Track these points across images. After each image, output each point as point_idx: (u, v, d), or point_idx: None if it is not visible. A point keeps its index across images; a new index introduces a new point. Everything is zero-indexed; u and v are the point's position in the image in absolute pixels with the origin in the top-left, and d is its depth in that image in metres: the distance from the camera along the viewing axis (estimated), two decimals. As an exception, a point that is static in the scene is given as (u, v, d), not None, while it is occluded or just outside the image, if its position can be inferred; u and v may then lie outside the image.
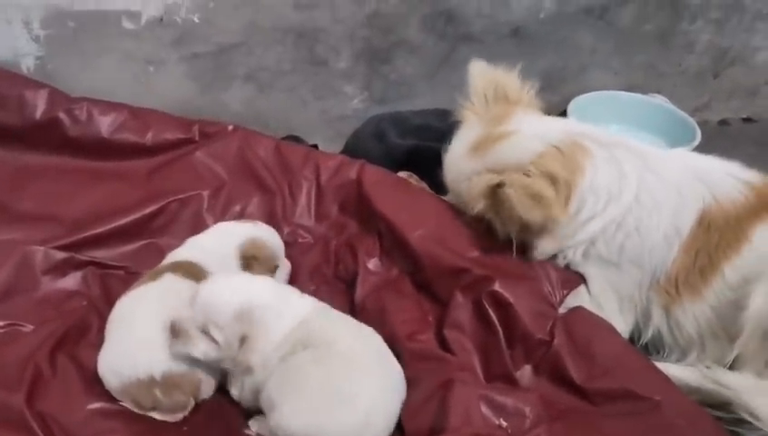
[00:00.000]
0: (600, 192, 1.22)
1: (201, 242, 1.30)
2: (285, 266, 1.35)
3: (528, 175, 1.18)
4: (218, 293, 1.08)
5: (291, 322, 1.08)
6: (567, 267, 1.29)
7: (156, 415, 1.10)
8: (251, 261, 1.26)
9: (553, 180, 1.18)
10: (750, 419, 1.12)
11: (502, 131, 1.26)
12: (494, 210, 1.22)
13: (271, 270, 1.30)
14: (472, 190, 1.23)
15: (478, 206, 1.23)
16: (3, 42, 1.55)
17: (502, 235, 1.25)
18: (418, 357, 1.13)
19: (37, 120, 1.49)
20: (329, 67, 1.78)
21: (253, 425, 1.11)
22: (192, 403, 1.11)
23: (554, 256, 1.28)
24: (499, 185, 1.18)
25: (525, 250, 1.27)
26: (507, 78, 1.35)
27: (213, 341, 1.06)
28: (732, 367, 1.20)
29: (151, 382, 1.07)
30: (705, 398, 1.16)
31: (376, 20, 1.74)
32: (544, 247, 1.26)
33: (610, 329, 1.21)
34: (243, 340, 1.05)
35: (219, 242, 1.29)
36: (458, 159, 1.31)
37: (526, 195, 1.15)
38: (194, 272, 1.20)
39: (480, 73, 1.35)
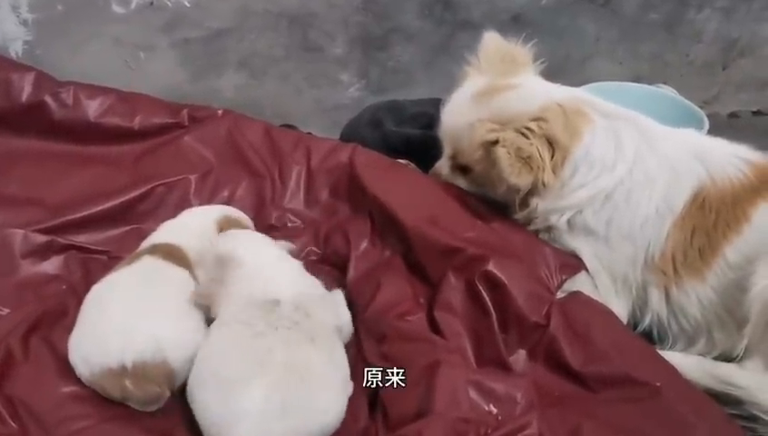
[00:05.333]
0: (594, 161, 1.20)
1: (177, 224, 1.26)
2: None
3: (526, 135, 1.15)
4: (219, 240, 1.16)
5: (255, 296, 1.04)
6: (550, 232, 1.26)
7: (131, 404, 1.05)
8: None
9: (552, 142, 1.16)
10: (765, 417, 1.09)
11: (508, 82, 1.25)
12: (485, 164, 1.20)
13: None
14: (473, 137, 1.21)
15: (476, 155, 1.21)
16: (-10, 26, 1.53)
17: (488, 191, 1.25)
18: (406, 338, 1.09)
19: (23, 103, 1.45)
20: (323, 54, 1.75)
21: None
22: (167, 394, 1.04)
23: (536, 218, 1.25)
24: (494, 143, 1.16)
25: (508, 208, 1.26)
26: (519, 50, 1.34)
27: None
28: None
29: (122, 372, 1.01)
30: (715, 397, 1.10)
31: (371, 5, 1.71)
32: (528, 207, 1.23)
33: (609, 313, 1.16)
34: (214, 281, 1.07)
35: (195, 221, 1.26)
36: (460, 106, 1.29)
37: (517, 158, 1.13)
38: (174, 254, 1.16)
39: (492, 41, 1.34)
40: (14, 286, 1.24)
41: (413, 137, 1.60)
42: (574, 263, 1.24)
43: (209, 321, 1.10)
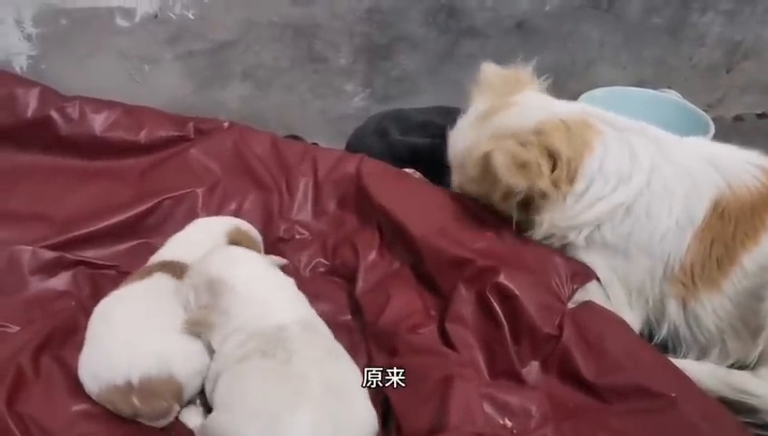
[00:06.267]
0: (610, 173, 1.17)
1: (185, 238, 1.25)
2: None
3: (524, 145, 1.15)
4: (206, 259, 1.09)
5: (258, 323, 1.01)
6: (566, 248, 1.24)
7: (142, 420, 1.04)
8: (242, 245, 1.21)
9: (553, 153, 1.15)
10: None
11: (510, 101, 1.24)
12: (482, 177, 1.19)
13: None
14: (473, 158, 1.20)
15: (474, 173, 1.20)
16: (-5, 41, 1.52)
17: (498, 208, 1.23)
18: (418, 351, 1.08)
19: (29, 118, 1.46)
20: (328, 64, 1.74)
21: (187, 415, 1.05)
22: (176, 409, 1.04)
23: (553, 235, 1.23)
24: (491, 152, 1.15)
25: (526, 228, 1.24)
26: (518, 74, 1.33)
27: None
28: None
29: (128, 389, 1.00)
30: (729, 405, 1.09)
31: (375, 15, 1.70)
32: (542, 225, 1.21)
33: (622, 323, 1.14)
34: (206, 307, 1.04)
35: (204, 234, 1.25)
36: (463, 130, 1.29)
37: (513, 162, 1.12)
38: (180, 270, 1.15)
39: (490, 71, 1.33)
40: (24, 303, 1.24)
41: (420, 146, 1.59)
42: (584, 272, 1.22)
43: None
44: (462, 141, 1.29)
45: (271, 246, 1.35)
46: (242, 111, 1.72)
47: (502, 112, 1.23)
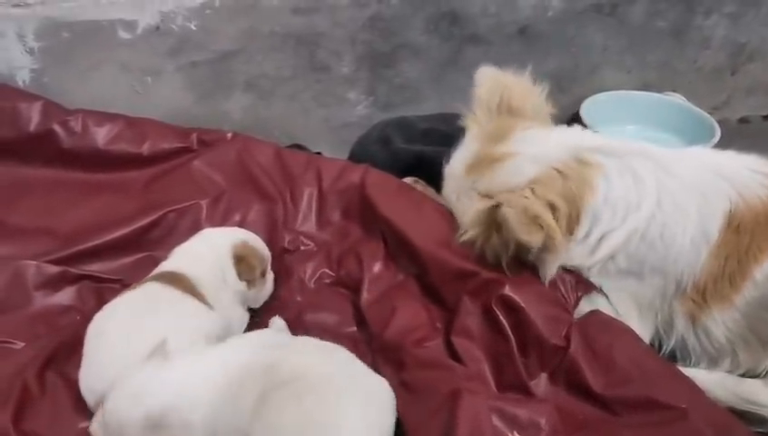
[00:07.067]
0: (617, 204, 1.15)
1: (188, 249, 1.25)
2: (272, 273, 1.30)
3: (525, 196, 1.12)
4: (123, 405, 0.94)
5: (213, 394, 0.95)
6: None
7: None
8: (251, 260, 1.22)
9: (551, 208, 1.11)
10: None
11: (498, 152, 1.20)
12: (488, 234, 1.15)
13: (262, 274, 1.26)
14: (465, 214, 1.19)
15: (472, 232, 1.17)
16: (-3, 55, 1.52)
17: (492, 260, 1.17)
18: (425, 365, 1.07)
19: (31, 132, 1.45)
20: (330, 73, 1.74)
21: None
22: None
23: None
24: (496, 206, 1.12)
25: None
26: (516, 85, 1.28)
27: None
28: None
29: None
30: (740, 415, 1.08)
31: (377, 23, 1.69)
32: (550, 268, 1.17)
33: (630, 333, 1.14)
34: None
35: (208, 246, 1.24)
36: (454, 176, 1.27)
37: (526, 217, 1.08)
38: (178, 280, 1.16)
39: (487, 80, 1.29)
40: (28, 319, 1.24)
41: (424, 154, 1.58)
42: (588, 281, 1.21)
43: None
44: (454, 185, 1.27)
45: (276, 257, 1.34)
46: (245, 121, 1.71)
47: (493, 166, 1.19)
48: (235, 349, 1.03)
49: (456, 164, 1.27)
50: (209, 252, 1.23)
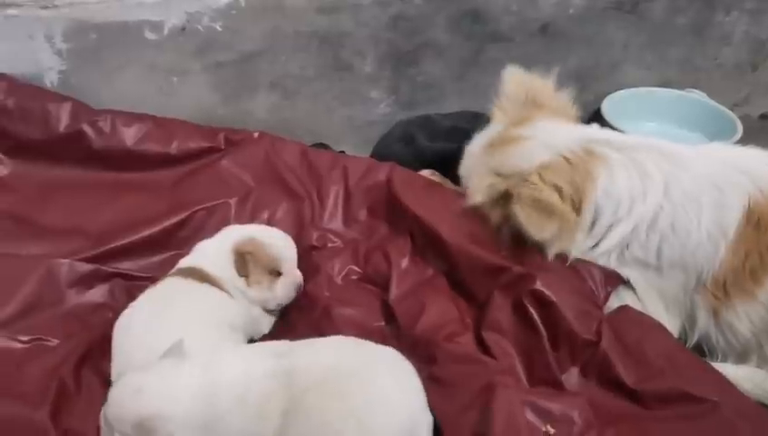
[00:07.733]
0: (621, 195, 1.16)
1: (204, 246, 1.28)
2: (294, 277, 1.29)
3: (534, 183, 1.14)
4: (119, 399, 0.96)
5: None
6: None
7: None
8: (246, 256, 1.23)
9: (557, 190, 1.14)
10: None
11: (516, 134, 1.24)
12: (503, 216, 1.20)
13: (271, 273, 1.25)
14: (476, 187, 1.23)
15: (486, 208, 1.22)
16: (26, 56, 1.53)
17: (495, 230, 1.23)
18: (457, 360, 1.08)
19: (61, 133, 1.47)
20: (354, 72, 1.75)
21: None
22: None
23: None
24: (507, 195, 1.16)
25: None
26: (540, 84, 1.32)
27: None
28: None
29: None
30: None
31: (400, 22, 1.70)
32: (558, 247, 1.20)
33: (660, 327, 1.15)
34: None
35: (219, 241, 1.27)
36: (472, 154, 1.31)
37: (537, 209, 1.12)
38: (195, 273, 1.20)
39: (513, 78, 1.33)
40: (62, 316, 1.26)
41: (447, 152, 1.58)
42: (617, 275, 1.22)
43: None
44: (470, 162, 1.32)
45: (304, 254, 1.35)
46: (270, 120, 1.73)
47: (508, 146, 1.23)
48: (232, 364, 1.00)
49: (476, 143, 1.32)
50: (219, 246, 1.26)
